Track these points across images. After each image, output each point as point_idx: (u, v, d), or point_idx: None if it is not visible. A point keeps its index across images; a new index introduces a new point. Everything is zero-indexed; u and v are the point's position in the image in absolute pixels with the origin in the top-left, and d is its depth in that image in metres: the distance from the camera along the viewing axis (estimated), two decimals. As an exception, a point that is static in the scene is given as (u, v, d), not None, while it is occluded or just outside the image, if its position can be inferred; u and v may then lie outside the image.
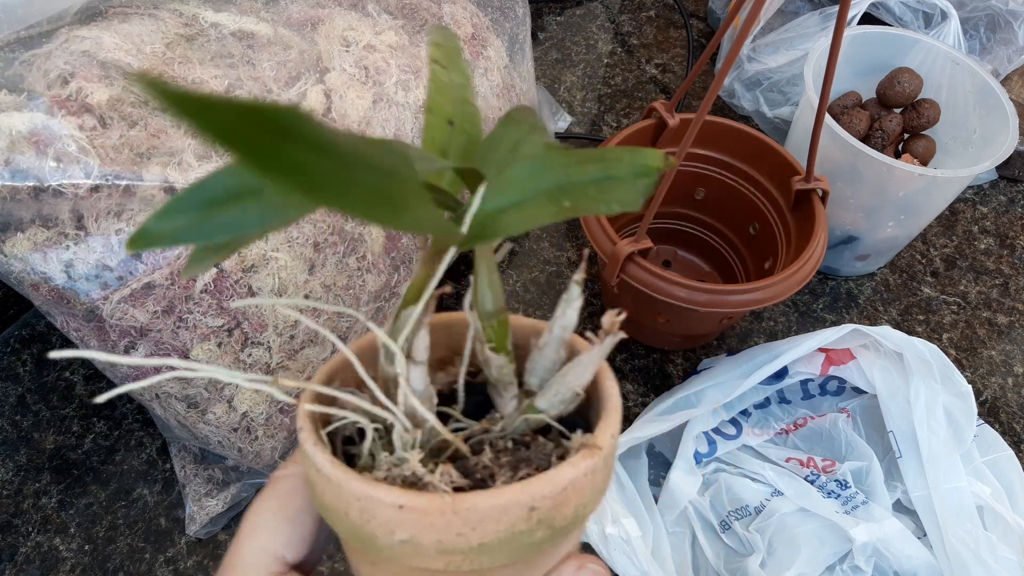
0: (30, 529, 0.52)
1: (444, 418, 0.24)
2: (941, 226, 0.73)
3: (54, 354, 0.16)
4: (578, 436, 0.22)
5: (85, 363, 0.59)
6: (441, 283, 0.22)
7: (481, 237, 0.20)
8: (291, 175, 0.11)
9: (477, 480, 0.21)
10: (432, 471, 0.20)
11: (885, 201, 0.60)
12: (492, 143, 0.23)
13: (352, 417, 0.21)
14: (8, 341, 0.60)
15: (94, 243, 0.39)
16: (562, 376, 0.23)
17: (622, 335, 0.22)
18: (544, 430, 0.23)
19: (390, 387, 0.22)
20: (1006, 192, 0.76)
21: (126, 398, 0.57)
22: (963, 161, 0.63)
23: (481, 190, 0.20)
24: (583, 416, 0.23)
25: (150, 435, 0.56)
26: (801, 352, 0.52)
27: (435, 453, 0.22)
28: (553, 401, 0.23)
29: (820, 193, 0.55)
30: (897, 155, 0.67)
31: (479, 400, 0.24)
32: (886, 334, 0.52)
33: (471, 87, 0.25)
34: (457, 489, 0.20)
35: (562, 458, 0.21)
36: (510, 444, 0.23)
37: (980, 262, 0.70)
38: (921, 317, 0.66)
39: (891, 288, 0.68)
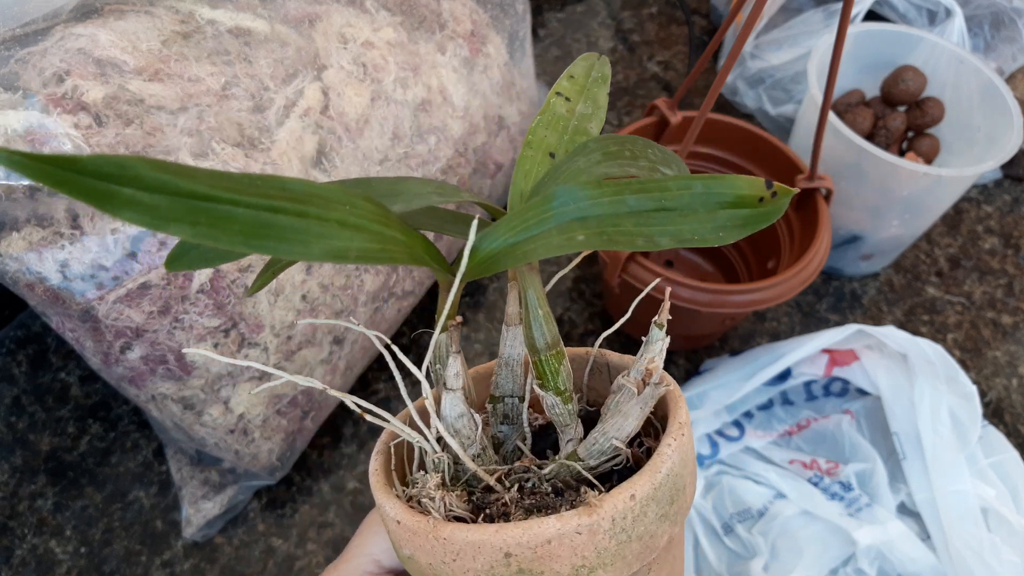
0: (26, 531, 0.51)
1: (519, 452, 0.23)
2: (946, 225, 0.72)
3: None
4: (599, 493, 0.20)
5: (80, 364, 0.58)
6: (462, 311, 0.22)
7: (488, 269, 0.19)
8: (131, 212, 0.13)
9: (485, 515, 0.20)
10: (444, 495, 0.20)
11: (889, 200, 0.59)
12: (553, 175, 0.22)
13: (405, 435, 0.22)
14: (3, 342, 0.59)
15: (90, 243, 0.39)
16: (602, 424, 0.21)
17: (667, 386, 0.20)
18: (601, 478, 0.22)
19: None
20: (1011, 191, 0.75)
21: (121, 400, 0.57)
22: (968, 160, 0.63)
23: (474, 226, 0.19)
24: None
25: (146, 437, 0.55)
26: (804, 353, 0.52)
27: (474, 481, 0.22)
28: (592, 451, 0.21)
29: (824, 192, 0.55)
30: (901, 153, 0.67)
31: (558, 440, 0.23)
32: (890, 334, 0.51)
33: (600, 116, 0.24)
34: (460, 520, 0.20)
35: None
36: (549, 488, 0.21)
37: (985, 262, 0.70)
38: (925, 317, 0.66)
39: (895, 288, 0.68)
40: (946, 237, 0.71)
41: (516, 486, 0.21)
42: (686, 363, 0.61)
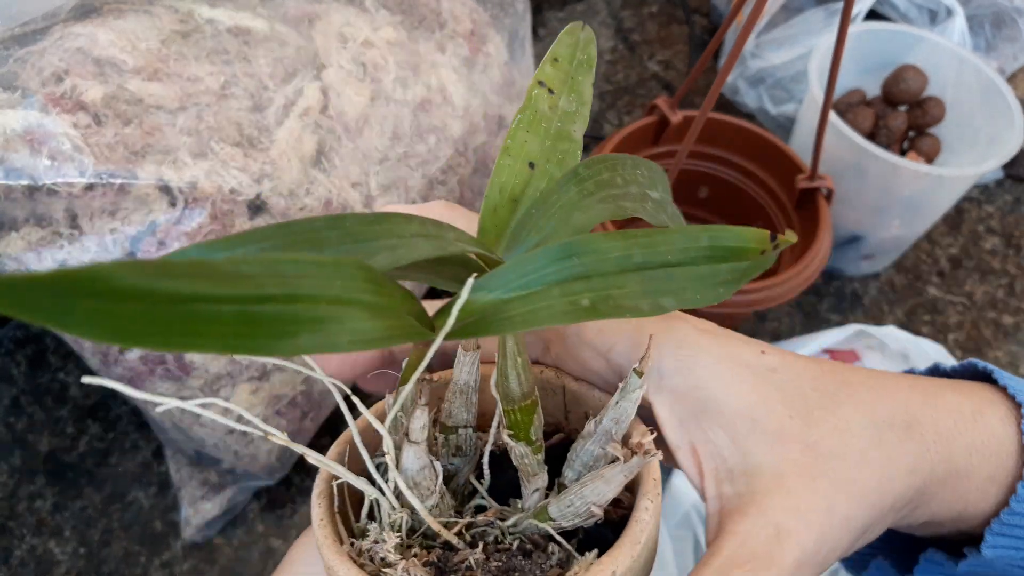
0: (24, 532, 0.51)
1: (473, 490, 0.22)
2: (947, 225, 0.72)
3: (88, 379, 0.15)
4: (586, 560, 0.19)
5: (80, 365, 0.58)
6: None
7: (478, 331, 0.16)
8: (91, 327, 0.10)
9: None
10: (405, 558, 0.19)
11: (890, 200, 0.59)
12: (543, 206, 0.19)
13: (350, 480, 0.20)
14: (2, 342, 0.59)
15: (88, 242, 0.39)
16: (580, 486, 0.20)
17: (658, 455, 0.19)
18: (565, 535, 0.21)
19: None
20: (1012, 191, 0.75)
21: (120, 400, 0.57)
22: (969, 159, 0.63)
23: (469, 283, 0.16)
24: (617, 529, 0.20)
25: (145, 438, 0.55)
26: (806, 353, 0.51)
27: (431, 535, 0.20)
28: (566, 512, 0.20)
29: (825, 191, 0.55)
30: (902, 153, 0.66)
31: (514, 476, 0.22)
32: (891, 335, 0.51)
33: (584, 115, 0.22)
34: None
35: None
36: (514, 544, 0.20)
37: (986, 262, 0.70)
38: (927, 317, 0.66)
39: (896, 288, 0.67)
40: (947, 237, 0.71)
41: (481, 545, 0.20)
42: (687, 363, 0.61)
